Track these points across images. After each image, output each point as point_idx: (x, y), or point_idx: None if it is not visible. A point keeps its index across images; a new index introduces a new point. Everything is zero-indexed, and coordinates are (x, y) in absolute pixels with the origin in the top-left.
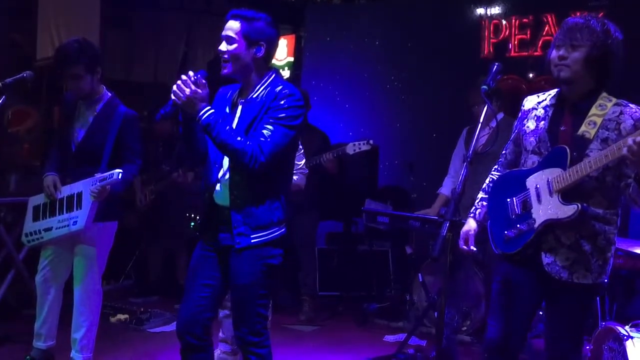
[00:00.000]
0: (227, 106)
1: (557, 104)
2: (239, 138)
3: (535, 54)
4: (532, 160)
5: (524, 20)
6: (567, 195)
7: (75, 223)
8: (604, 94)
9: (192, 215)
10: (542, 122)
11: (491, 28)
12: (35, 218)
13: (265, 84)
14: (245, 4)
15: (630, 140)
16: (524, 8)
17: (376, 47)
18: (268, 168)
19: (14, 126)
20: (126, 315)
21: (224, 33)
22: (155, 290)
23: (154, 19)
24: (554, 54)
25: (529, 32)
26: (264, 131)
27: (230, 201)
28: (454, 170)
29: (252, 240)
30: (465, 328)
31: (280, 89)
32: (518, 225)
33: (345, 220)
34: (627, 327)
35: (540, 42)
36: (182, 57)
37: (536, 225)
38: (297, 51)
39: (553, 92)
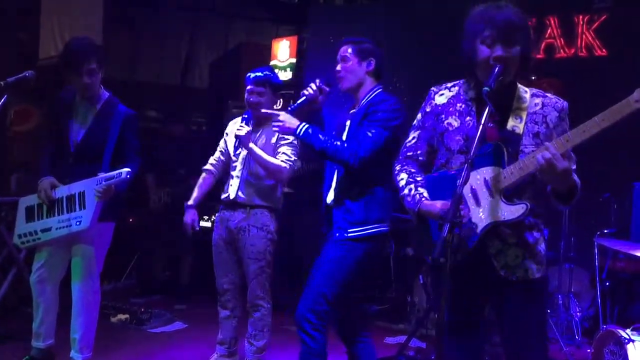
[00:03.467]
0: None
1: (478, 99)
2: (337, 142)
3: (538, 56)
4: (459, 159)
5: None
6: (507, 194)
7: (79, 223)
8: (519, 85)
9: (202, 217)
10: (468, 119)
11: None
12: (30, 219)
13: (370, 97)
14: (250, 5)
15: (539, 157)
16: (527, 10)
17: (379, 47)
18: (368, 164)
19: (16, 126)
20: (127, 315)
21: (339, 56)
22: (158, 290)
23: (157, 19)
24: (487, 52)
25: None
26: (363, 132)
27: (334, 199)
28: None
29: (349, 235)
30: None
31: (376, 97)
32: (457, 231)
33: None
34: (628, 331)
35: (543, 45)
36: (185, 57)
37: (479, 230)
38: (300, 52)
39: (459, 81)
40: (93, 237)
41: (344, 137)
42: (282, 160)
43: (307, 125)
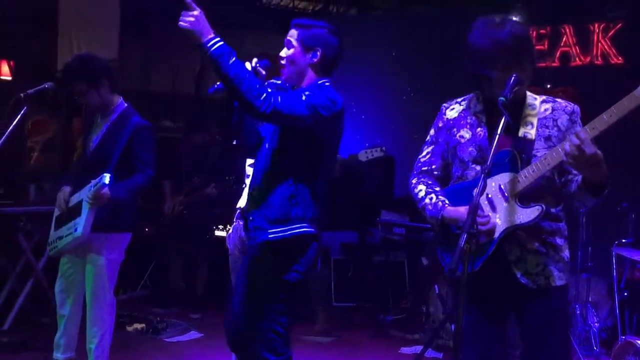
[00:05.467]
0: None
1: (487, 109)
2: (253, 80)
3: (553, 64)
4: (474, 170)
5: (542, 31)
6: (523, 198)
7: (76, 230)
8: (527, 93)
9: (217, 227)
10: (479, 130)
11: None
12: (56, 228)
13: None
14: (261, 16)
15: (566, 146)
16: (542, 19)
17: (392, 57)
18: (280, 121)
19: (34, 136)
20: (143, 325)
21: (285, 40)
22: (173, 300)
23: (171, 30)
24: (497, 73)
25: (546, 43)
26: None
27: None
28: None
29: (270, 236)
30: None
31: (319, 84)
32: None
33: (360, 231)
34: None
35: (558, 53)
36: (199, 67)
37: (496, 235)
38: None
39: (468, 95)
40: (102, 247)
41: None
42: None
43: (221, 42)
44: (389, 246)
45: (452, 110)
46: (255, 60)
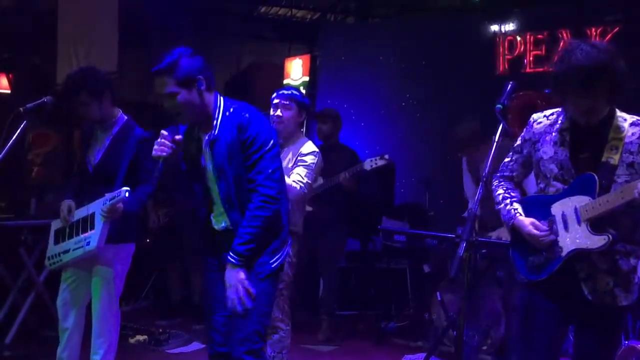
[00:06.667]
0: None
1: (573, 128)
2: (257, 224)
3: (551, 70)
4: (555, 187)
5: (539, 36)
6: (595, 223)
7: (88, 244)
8: (618, 113)
9: None
10: (562, 149)
11: (506, 44)
12: (57, 241)
13: (220, 116)
14: (258, 26)
15: (635, 192)
16: (539, 24)
17: (391, 64)
18: (282, 190)
19: (35, 149)
20: (145, 336)
21: (161, 91)
22: (175, 311)
23: (170, 41)
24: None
25: (544, 48)
26: (254, 173)
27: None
28: (471, 193)
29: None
30: (485, 347)
31: (241, 119)
32: (544, 253)
33: (362, 238)
34: None
35: (556, 58)
36: None
37: (563, 253)
38: (312, 70)
39: (559, 110)
40: (111, 258)
41: (211, 166)
42: (293, 180)
43: (247, 253)
44: (391, 254)
45: (539, 125)
46: (165, 134)
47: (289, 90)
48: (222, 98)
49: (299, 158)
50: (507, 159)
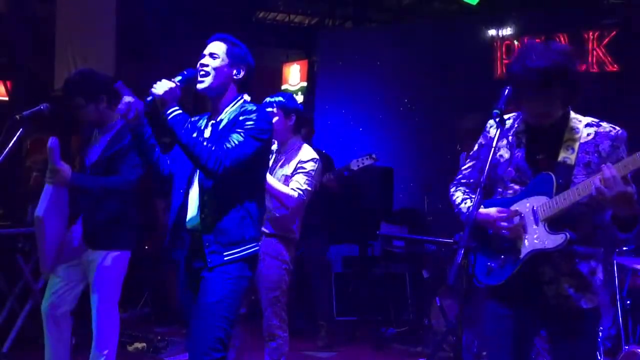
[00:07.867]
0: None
1: (528, 130)
2: (205, 143)
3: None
4: (512, 189)
5: (537, 40)
6: (553, 223)
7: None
8: (572, 115)
9: None
10: (517, 151)
11: (503, 49)
12: None
13: (233, 106)
14: (260, 30)
15: (596, 181)
16: (536, 28)
17: (389, 69)
18: (233, 174)
19: (33, 156)
20: (143, 344)
21: (208, 51)
22: (173, 318)
23: (168, 48)
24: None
25: None
26: (231, 138)
27: (200, 222)
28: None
29: (225, 258)
30: (485, 353)
31: (247, 107)
32: (502, 257)
33: (360, 244)
34: None
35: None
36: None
37: (521, 255)
38: (310, 76)
39: (514, 115)
40: (107, 266)
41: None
42: (291, 188)
43: (180, 111)
44: (390, 259)
45: (494, 129)
46: (178, 77)
47: (273, 97)
48: (243, 100)
49: (299, 165)
50: (464, 166)
